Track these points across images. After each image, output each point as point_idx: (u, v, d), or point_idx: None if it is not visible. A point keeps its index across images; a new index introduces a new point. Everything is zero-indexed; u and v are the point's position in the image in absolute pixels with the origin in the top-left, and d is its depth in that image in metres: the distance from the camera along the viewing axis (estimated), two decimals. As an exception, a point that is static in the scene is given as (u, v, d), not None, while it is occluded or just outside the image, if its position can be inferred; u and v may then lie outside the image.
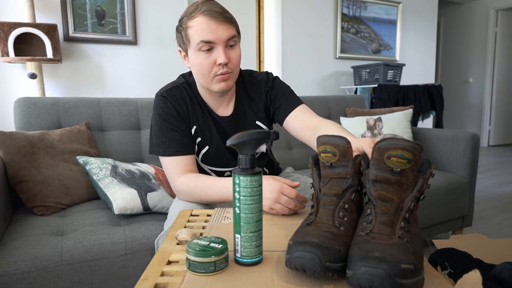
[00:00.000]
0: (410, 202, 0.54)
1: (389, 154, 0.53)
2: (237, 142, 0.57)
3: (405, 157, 0.53)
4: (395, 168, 0.54)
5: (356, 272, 0.46)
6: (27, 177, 1.23)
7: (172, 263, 0.61)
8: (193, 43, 0.91)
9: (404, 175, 0.54)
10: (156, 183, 1.34)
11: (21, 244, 1.02)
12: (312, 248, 0.51)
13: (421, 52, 4.24)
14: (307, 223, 0.58)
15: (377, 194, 0.54)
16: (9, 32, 2.01)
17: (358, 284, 0.46)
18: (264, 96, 1.07)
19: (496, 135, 5.67)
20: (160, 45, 2.69)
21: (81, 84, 2.46)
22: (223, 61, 0.90)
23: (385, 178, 0.54)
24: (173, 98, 0.99)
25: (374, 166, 0.55)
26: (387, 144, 0.54)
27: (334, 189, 0.59)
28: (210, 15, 0.88)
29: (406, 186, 0.54)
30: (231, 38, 0.91)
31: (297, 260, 0.51)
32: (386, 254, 0.47)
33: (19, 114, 1.46)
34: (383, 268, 0.45)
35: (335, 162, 0.59)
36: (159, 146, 0.99)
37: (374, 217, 0.53)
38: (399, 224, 0.52)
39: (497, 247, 1.08)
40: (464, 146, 1.85)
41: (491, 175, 3.62)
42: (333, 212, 0.57)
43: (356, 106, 2.33)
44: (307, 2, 3.40)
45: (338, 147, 0.59)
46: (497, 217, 2.39)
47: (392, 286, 0.44)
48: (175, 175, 0.98)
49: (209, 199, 0.93)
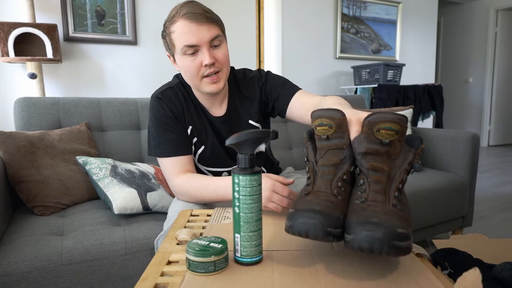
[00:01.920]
0: (403, 174, 0.58)
1: (378, 127, 0.57)
2: (236, 141, 0.57)
3: (393, 129, 0.57)
4: (384, 140, 0.57)
5: (357, 236, 0.50)
6: (27, 177, 1.23)
7: (172, 263, 0.61)
8: (177, 47, 0.91)
9: (393, 146, 0.58)
10: (156, 183, 1.34)
11: (21, 244, 1.02)
12: (315, 215, 0.53)
13: (421, 52, 4.24)
14: (305, 193, 0.60)
15: (369, 165, 0.58)
16: (9, 32, 2.01)
17: (359, 246, 0.50)
18: (259, 92, 1.06)
19: (496, 135, 5.67)
20: (160, 45, 2.69)
21: (81, 84, 2.46)
22: (209, 62, 0.90)
23: (375, 150, 0.58)
24: (168, 99, 1.00)
25: (365, 139, 0.58)
26: (376, 117, 0.57)
27: (332, 160, 0.61)
28: (190, 18, 0.87)
29: (394, 156, 0.58)
30: (214, 38, 0.90)
31: (301, 225, 0.53)
32: (383, 220, 0.51)
33: (19, 114, 1.46)
34: (381, 232, 0.49)
35: (332, 134, 0.61)
36: (156, 147, 0.99)
37: (367, 186, 0.57)
38: (393, 193, 0.56)
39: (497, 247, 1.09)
40: (464, 146, 1.85)
41: (491, 175, 3.61)
42: (331, 181, 0.59)
43: (356, 106, 2.33)
44: (307, 2, 3.40)
45: (334, 120, 0.60)
46: (497, 217, 2.39)
47: (389, 248, 0.49)
48: (172, 175, 0.98)
49: (206, 199, 0.93)
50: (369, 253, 0.50)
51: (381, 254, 0.50)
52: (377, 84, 3.14)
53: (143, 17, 2.61)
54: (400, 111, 2.09)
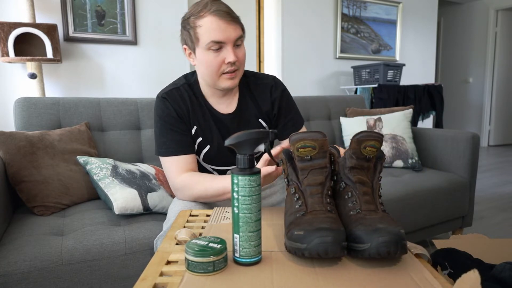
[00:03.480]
0: (378, 183, 0.67)
1: (365, 144, 0.64)
2: (235, 142, 0.57)
3: (376, 146, 0.65)
4: (368, 155, 0.65)
5: (373, 244, 0.55)
6: (27, 177, 1.23)
7: (171, 263, 0.61)
8: (202, 42, 0.92)
9: (372, 161, 0.67)
10: (157, 183, 1.34)
11: (21, 244, 1.02)
12: (328, 233, 0.56)
13: (421, 52, 4.24)
14: (301, 213, 0.62)
15: (356, 178, 0.65)
16: (9, 32, 2.01)
17: (378, 252, 0.55)
18: (270, 103, 1.08)
19: (496, 135, 5.67)
20: (160, 45, 2.69)
21: (81, 84, 2.46)
22: (233, 60, 0.92)
23: (360, 165, 0.66)
24: (173, 99, 1.00)
25: (354, 155, 0.65)
26: (364, 136, 0.64)
27: (318, 179, 0.65)
28: (220, 15, 0.90)
29: (371, 170, 0.67)
30: (239, 38, 0.94)
31: (319, 246, 0.55)
32: (386, 225, 0.57)
33: (19, 114, 1.46)
34: (394, 237, 0.55)
35: (314, 155, 0.66)
36: (160, 146, 1.00)
37: (357, 198, 0.64)
38: (378, 201, 0.64)
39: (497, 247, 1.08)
40: (464, 146, 1.85)
41: (491, 175, 3.61)
42: (322, 199, 0.63)
43: (356, 106, 2.33)
44: (307, 2, 3.40)
45: (317, 141, 0.65)
46: (497, 217, 2.39)
47: (401, 249, 0.56)
48: (175, 173, 0.98)
49: (209, 193, 0.93)
50: (385, 257, 0.55)
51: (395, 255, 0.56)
52: (377, 84, 3.14)
53: (143, 17, 2.61)
54: (400, 111, 2.09)
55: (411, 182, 1.74)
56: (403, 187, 1.68)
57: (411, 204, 1.66)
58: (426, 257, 0.63)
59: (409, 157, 1.95)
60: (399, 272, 0.56)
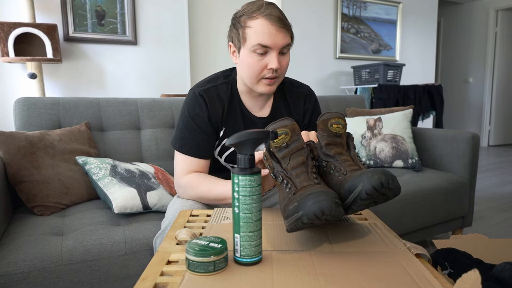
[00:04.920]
0: (356, 154, 0.73)
1: (330, 122, 0.71)
2: (236, 141, 0.57)
3: (340, 123, 0.72)
4: (337, 132, 0.72)
5: (365, 182, 0.59)
6: (27, 177, 1.23)
7: (171, 263, 0.61)
8: (249, 43, 0.91)
9: (343, 138, 0.73)
10: (156, 182, 1.34)
11: (21, 244, 1.02)
12: (320, 194, 0.57)
13: (421, 52, 4.24)
14: (293, 192, 0.64)
15: (334, 152, 0.70)
16: (9, 32, 2.01)
17: (373, 186, 0.58)
18: (302, 112, 1.09)
19: (496, 135, 5.67)
20: (160, 45, 2.69)
21: (81, 84, 2.46)
22: (276, 67, 0.91)
23: (333, 141, 0.71)
24: (210, 99, 0.98)
25: (326, 134, 0.72)
26: (327, 116, 0.72)
27: (300, 160, 0.68)
28: (272, 20, 0.88)
29: (345, 146, 0.73)
30: (286, 46, 0.92)
31: (314, 206, 0.56)
32: (376, 171, 0.61)
33: (19, 114, 1.46)
34: (380, 170, 0.60)
35: (289, 140, 0.69)
36: (179, 140, 0.99)
37: (340, 165, 0.68)
38: (360, 163, 0.70)
39: (497, 247, 1.08)
40: (464, 146, 1.85)
41: (491, 175, 3.61)
42: (308, 176, 0.66)
43: (356, 106, 2.33)
44: (307, 2, 3.40)
45: (287, 126, 0.69)
46: (497, 217, 2.39)
47: (391, 178, 0.60)
48: (183, 171, 0.98)
49: (211, 195, 0.93)
50: (380, 190, 0.59)
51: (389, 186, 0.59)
52: (377, 84, 3.14)
53: (143, 17, 2.61)
54: (400, 111, 2.09)
55: (411, 182, 1.74)
56: (403, 187, 1.68)
57: (411, 204, 1.66)
58: (426, 257, 0.63)
59: (409, 157, 1.95)
60: (399, 272, 0.56)
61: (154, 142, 1.65)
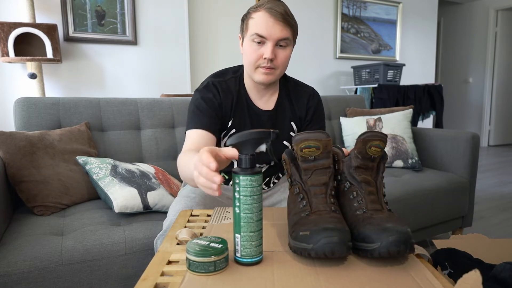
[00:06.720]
0: (381, 182, 0.67)
1: (370, 144, 0.65)
2: (237, 141, 0.57)
3: (380, 146, 0.65)
4: (373, 155, 0.66)
5: (383, 243, 0.55)
6: (27, 177, 1.23)
7: (172, 263, 0.61)
8: (249, 32, 0.97)
9: (376, 161, 0.67)
10: (156, 182, 1.34)
11: (21, 244, 1.01)
12: (333, 233, 0.56)
13: (421, 52, 4.24)
14: (306, 213, 0.62)
15: (361, 178, 0.65)
16: (9, 32, 2.01)
17: (388, 252, 0.55)
18: (305, 109, 1.12)
19: (496, 135, 5.67)
20: (160, 45, 2.69)
21: (81, 84, 2.46)
22: (269, 56, 0.95)
23: (365, 165, 0.66)
24: (222, 89, 1.04)
25: (360, 156, 0.65)
26: (369, 136, 0.65)
27: (322, 179, 0.65)
28: (270, 13, 0.93)
29: (376, 170, 0.68)
30: (283, 39, 0.96)
31: (326, 246, 0.55)
32: (394, 224, 0.57)
33: (19, 114, 1.46)
34: (403, 236, 0.56)
35: (318, 155, 0.66)
36: (189, 121, 1.01)
37: (363, 198, 0.64)
38: (383, 200, 0.65)
39: (497, 247, 1.08)
40: (464, 146, 1.85)
41: (491, 175, 3.61)
42: (325, 199, 0.64)
43: (356, 106, 2.33)
44: (307, 2, 3.40)
45: (321, 142, 0.65)
46: (497, 217, 2.39)
47: (409, 246, 0.56)
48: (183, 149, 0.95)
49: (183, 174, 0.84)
50: (394, 256, 0.56)
51: (405, 254, 0.56)
52: (377, 84, 3.14)
53: (143, 17, 2.61)
54: (400, 111, 2.09)
55: (411, 182, 1.74)
56: (403, 187, 1.68)
57: (411, 204, 1.66)
58: (426, 257, 0.63)
59: (409, 157, 1.95)
60: (400, 272, 0.56)
61: (154, 142, 1.65)
